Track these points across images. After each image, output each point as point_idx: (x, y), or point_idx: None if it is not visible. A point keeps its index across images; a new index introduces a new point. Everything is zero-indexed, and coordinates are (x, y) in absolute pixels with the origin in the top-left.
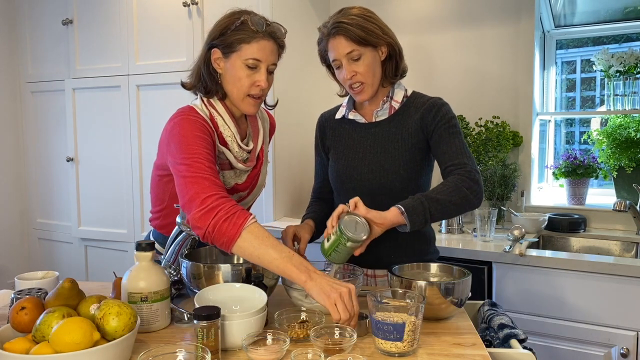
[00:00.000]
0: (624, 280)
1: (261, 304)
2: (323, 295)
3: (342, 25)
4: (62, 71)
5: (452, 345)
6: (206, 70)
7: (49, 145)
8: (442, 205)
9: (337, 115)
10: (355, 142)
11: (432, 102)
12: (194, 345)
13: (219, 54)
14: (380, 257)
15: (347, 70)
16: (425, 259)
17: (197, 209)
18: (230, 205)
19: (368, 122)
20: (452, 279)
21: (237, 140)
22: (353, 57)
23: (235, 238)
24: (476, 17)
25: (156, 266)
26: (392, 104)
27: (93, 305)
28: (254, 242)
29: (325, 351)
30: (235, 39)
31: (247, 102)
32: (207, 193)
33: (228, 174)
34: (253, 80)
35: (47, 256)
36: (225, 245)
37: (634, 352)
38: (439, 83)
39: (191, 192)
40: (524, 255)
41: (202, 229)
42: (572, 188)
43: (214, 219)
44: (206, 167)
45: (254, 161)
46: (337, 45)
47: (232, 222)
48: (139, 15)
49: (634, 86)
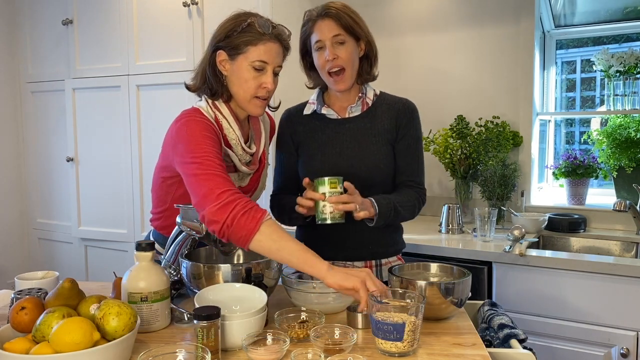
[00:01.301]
0: (624, 280)
1: (261, 304)
2: (350, 277)
3: (333, 9)
4: (62, 71)
5: (452, 345)
6: (211, 72)
7: (49, 145)
8: (398, 216)
9: (305, 111)
10: (329, 138)
11: (406, 104)
12: (194, 345)
13: (225, 56)
14: (359, 249)
15: (330, 52)
16: (397, 248)
17: (213, 204)
18: (247, 201)
19: (341, 118)
20: (452, 279)
21: (241, 143)
22: (338, 40)
23: (254, 232)
24: (476, 17)
25: (156, 266)
26: (366, 100)
27: (93, 305)
28: (272, 236)
29: (325, 351)
30: (241, 41)
31: (254, 104)
32: (221, 189)
33: (232, 176)
34: (260, 82)
35: (47, 256)
36: (243, 240)
37: (634, 352)
38: (439, 83)
39: (205, 188)
40: (524, 255)
41: (219, 223)
42: (572, 188)
43: (232, 212)
44: (217, 165)
45: (257, 164)
46: (325, 27)
47: (251, 216)
48: (139, 15)
49: (634, 86)
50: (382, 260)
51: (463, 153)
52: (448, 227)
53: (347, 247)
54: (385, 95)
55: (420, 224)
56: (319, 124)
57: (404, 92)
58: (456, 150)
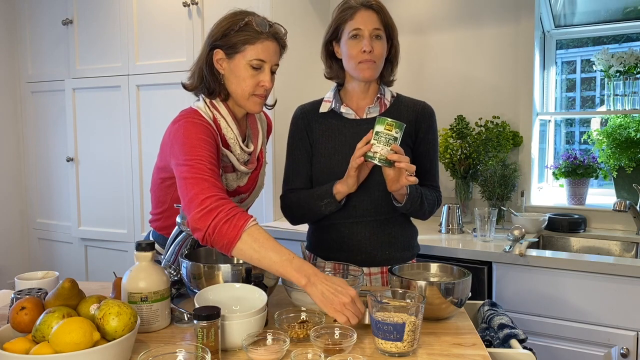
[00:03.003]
0: (624, 280)
1: (261, 304)
2: (326, 302)
3: (375, 3)
4: (62, 71)
5: (452, 345)
6: (208, 71)
7: (49, 145)
8: (422, 207)
9: (321, 109)
10: (347, 138)
11: (425, 107)
12: (194, 345)
13: (222, 54)
14: (374, 255)
15: (368, 44)
16: (413, 252)
17: (196, 210)
18: (230, 207)
19: (359, 118)
20: (452, 279)
21: (240, 142)
22: (377, 34)
23: (236, 241)
24: (476, 17)
25: (156, 266)
26: (384, 101)
27: (93, 305)
28: (253, 245)
29: (325, 351)
30: (239, 39)
31: (252, 101)
32: (206, 194)
33: (231, 176)
34: (257, 80)
35: (47, 256)
36: (226, 248)
37: (634, 352)
38: (439, 83)
39: (191, 193)
40: (524, 255)
41: (201, 231)
42: (572, 188)
43: (214, 220)
44: (207, 169)
45: (255, 163)
46: (369, 18)
47: (233, 224)
48: (139, 15)
49: (634, 86)
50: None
51: (463, 153)
52: (448, 227)
53: (362, 251)
54: (402, 97)
55: (421, 224)
56: (337, 123)
57: (405, 91)
58: (456, 150)
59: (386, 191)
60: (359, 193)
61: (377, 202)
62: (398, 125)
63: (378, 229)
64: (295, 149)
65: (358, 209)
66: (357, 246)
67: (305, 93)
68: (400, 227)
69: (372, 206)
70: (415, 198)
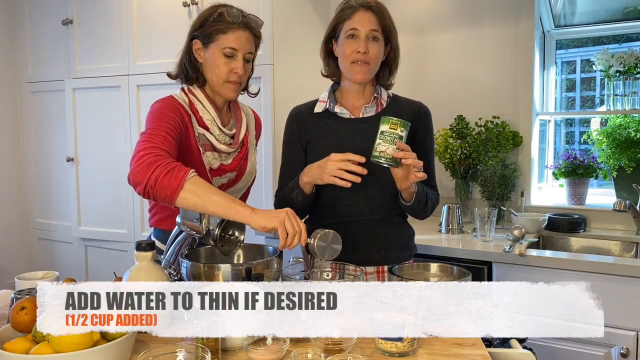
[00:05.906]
0: (624, 280)
1: None
2: (271, 218)
3: (375, 5)
4: (62, 71)
5: (452, 345)
6: (187, 59)
7: (49, 145)
8: (426, 205)
9: (315, 109)
10: (342, 137)
11: (422, 108)
12: (194, 345)
13: (199, 44)
14: (370, 255)
15: (363, 45)
16: (410, 253)
17: (135, 164)
18: (169, 161)
19: (355, 118)
20: (452, 279)
21: (217, 124)
22: (373, 36)
23: (178, 190)
24: (476, 17)
25: (156, 266)
26: (381, 101)
27: None
28: (197, 191)
29: (325, 351)
30: (213, 29)
31: (227, 88)
32: (146, 151)
33: (211, 155)
34: (230, 67)
35: (47, 256)
36: (169, 199)
37: (634, 352)
38: (439, 83)
39: (134, 152)
40: (524, 255)
41: (141, 184)
42: (572, 188)
43: (154, 172)
44: (161, 136)
45: (238, 144)
46: (367, 19)
47: (174, 176)
48: (139, 15)
49: (634, 86)
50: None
51: (463, 153)
52: (448, 227)
53: (358, 250)
54: (398, 98)
55: (420, 224)
56: (332, 122)
57: (404, 91)
58: (456, 150)
59: (382, 190)
60: (354, 192)
61: (373, 201)
62: (403, 124)
63: (374, 228)
64: (288, 150)
65: (354, 208)
66: (352, 245)
67: (306, 93)
68: (396, 227)
69: (368, 205)
70: (422, 196)
